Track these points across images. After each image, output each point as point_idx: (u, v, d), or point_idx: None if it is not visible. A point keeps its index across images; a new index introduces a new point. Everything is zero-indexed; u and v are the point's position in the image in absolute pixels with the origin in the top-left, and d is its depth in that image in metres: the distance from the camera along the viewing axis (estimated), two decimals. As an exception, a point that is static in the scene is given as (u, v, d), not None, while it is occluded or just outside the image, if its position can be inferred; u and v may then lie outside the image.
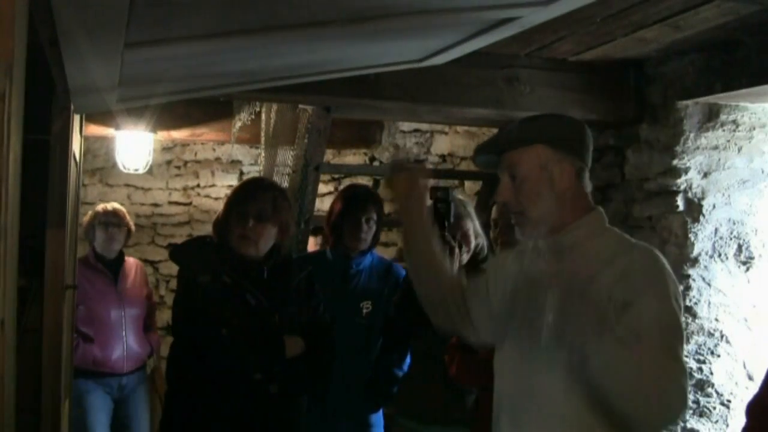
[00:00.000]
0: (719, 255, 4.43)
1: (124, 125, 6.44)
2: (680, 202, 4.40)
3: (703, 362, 4.45)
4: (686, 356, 4.42)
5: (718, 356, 4.46)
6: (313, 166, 5.03)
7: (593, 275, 2.28)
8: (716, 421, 4.46)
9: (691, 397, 4.45)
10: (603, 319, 2.18)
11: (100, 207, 5.60)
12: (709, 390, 4.46)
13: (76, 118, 3.92)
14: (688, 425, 4.45)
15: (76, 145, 4.00)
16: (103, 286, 5.41)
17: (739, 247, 4.45)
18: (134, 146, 6.83)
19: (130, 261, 5.72)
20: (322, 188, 7.98)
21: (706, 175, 4.41)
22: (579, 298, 2.27)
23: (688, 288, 4.39)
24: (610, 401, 2.14)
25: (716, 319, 4.44)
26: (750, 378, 4.48)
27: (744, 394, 4.44)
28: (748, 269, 4.47)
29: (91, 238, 5.52)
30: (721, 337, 4.45)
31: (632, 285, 2.21)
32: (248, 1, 2.23)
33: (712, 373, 4.45)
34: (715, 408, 4.46)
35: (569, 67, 4.56)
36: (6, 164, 1.03)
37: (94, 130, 6.42)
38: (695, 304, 4.41)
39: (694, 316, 4.42)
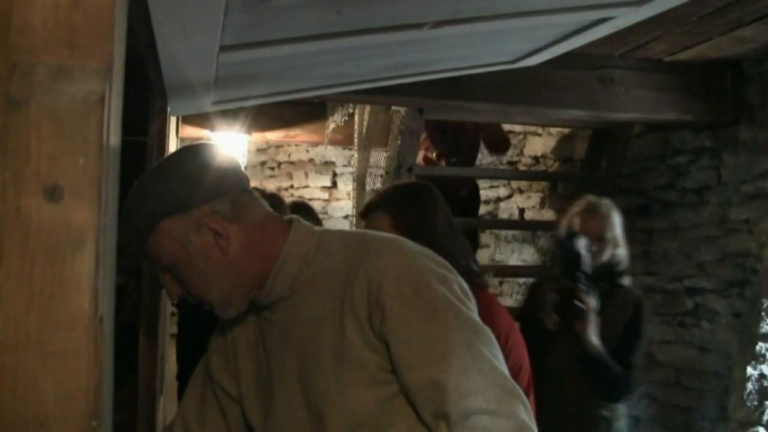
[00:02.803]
0: (819, 259, 4.32)
1: (219, 127, 6.53)
2: (779, 204, 4.31)
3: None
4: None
5: (819, 364, 4.34)
6: (406, 167, 5.05)
7: (336, 308, 1.77)
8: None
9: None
10: (367, 361, 1.73)
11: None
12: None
13: (173, 120, 3.99)
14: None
15: (172, 147, 4.07)
16: None
17: (839, 251, 4.34)
18: (229, 147, 6.91)
19: None
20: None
21: (806, 177, 4.31)
22: (327, 347, 1.78)
23: (786, 293, 4.30)
24: None
25: (815, 325, 4.34)
26: None
27: None
28: None
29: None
30: (821, 343, 4.34)
31: (386, 305, 1.70)
32: (342, 4, 2.24)
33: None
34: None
35: (664, 68, 4.51)
36: (106, 165, 1.06)
37: (190, 131, 6.53)
38: (793, 308, 4.31)
39: (792, 321, 4.32)
